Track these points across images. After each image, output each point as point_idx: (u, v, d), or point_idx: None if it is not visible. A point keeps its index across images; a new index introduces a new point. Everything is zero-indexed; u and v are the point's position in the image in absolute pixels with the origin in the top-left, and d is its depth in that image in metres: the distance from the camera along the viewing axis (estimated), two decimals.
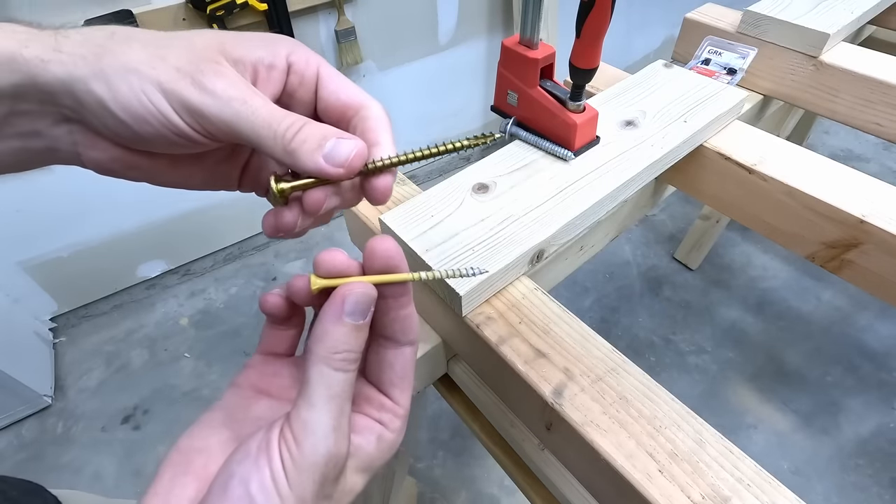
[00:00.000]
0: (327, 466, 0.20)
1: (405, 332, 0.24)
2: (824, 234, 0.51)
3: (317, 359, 0.21)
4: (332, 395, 0.20)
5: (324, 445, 0.20)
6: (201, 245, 1.44)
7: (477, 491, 1.06)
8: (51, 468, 1.10)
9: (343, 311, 0.21)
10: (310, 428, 0.20)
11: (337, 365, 0.21)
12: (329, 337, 0.21)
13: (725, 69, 0.66)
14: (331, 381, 0.20)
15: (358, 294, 0.21)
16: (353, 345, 0.21)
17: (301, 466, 0.19)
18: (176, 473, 0.21)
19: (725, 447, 0.32)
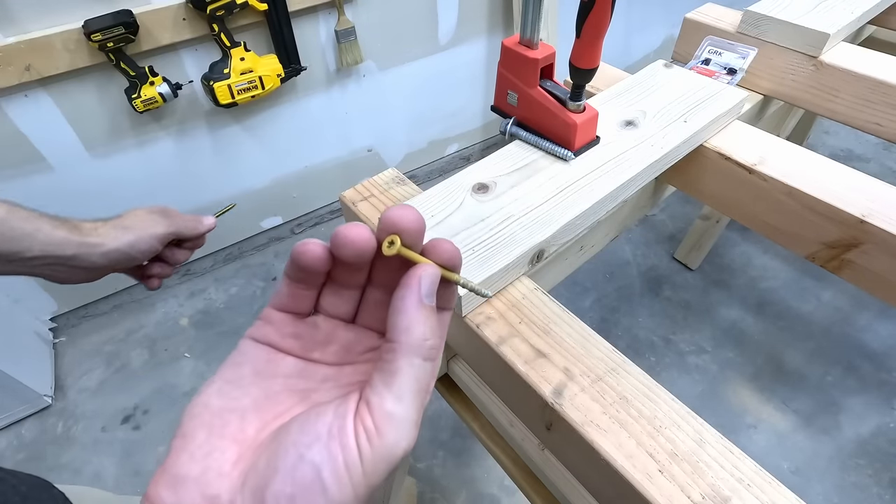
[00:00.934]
0: (402, 459, 0.19)
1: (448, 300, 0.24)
2: (824, 234, 0.51)
3: (408, 349, 0.20)
4: (419, 388, 0.20)
5: (406, 440, 0.19)
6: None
7: (477, 491, 1.06)
8: (51, 468, 1.10)
9: (422, 293, 0.20)
10: (395, 422, 0.19)
11: (427, 354, 0.20)
12: (417, 323, 0.20)
13: (725, 69, 0.66)
14: (420, 372, 0.20)
15: (431, 275, 0.21)
16: (437, 330, 0.21)
17: (380, 457, 0.19)
18: (211, 435, 0.20)
19: (725, 447, 0.32)
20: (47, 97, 0.99)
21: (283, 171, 1.43)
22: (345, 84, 1.35)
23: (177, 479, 0.19)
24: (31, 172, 1.06)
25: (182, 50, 1.07)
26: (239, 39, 1.07)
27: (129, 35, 0.94)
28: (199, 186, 1.31)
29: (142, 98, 1.01)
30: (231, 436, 0.20)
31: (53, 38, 0.92)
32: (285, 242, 1.58)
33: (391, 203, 0.52)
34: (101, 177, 1.15)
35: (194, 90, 1.14)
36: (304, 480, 0.18)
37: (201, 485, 0.19)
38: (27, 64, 0.92)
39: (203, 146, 1.24)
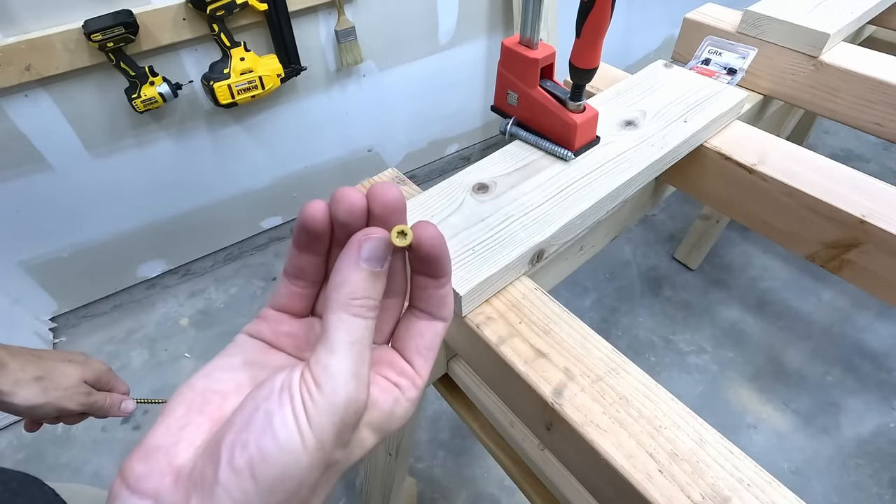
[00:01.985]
0: (346, 412, 0.20)
1: (440, 308, 0.25)
2: (824, 234, 0.51)
3: (336, 305, 0.21)
4: (351, 340, 0.20)
5: (343, 390, 0.20)
6: (201, 245, 1.44)
7: (477, 491, 1.06)
8: (51, 468, 1.10)
9: (360, 256, 0.21)
10: (329, 372, 0.20)
11: (356, 311, 0.21)
12: (347, 283, 0.21)
13: (725, 69, 0.66)
14: (350, 326, 0.21)
15: (374, 239, 0.22)
16: (371, 291, 0.21)
17: (321, 408, 0.19)
18: (190, 411, 0.21)
19: (725, 447, 0.32)
20: (47, 97, 0.99)
21: (283, 171, 1.43)
22: (345, 84, 1.35)
23: (149, 451, 0.20)
24: (31, 172, 1.06)
25: (182, 50, 1.07)
26: (239, 39, 1.07)
27: (129, 35, 0.94)
28: (199, 186, 1.31)
29: (142, 98, 1.01)
30: (209, 413, 0.21)
31: (53, 38, 0.92)
32: (285, 242, 1.58)
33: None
34: (101, 177, 1.15)
35: (194, 90, 1.14)
36: (257, 427, 0.19)
37: (171, 455, 0.20)
38: (27, 64, 0.92)
39: (203, 146, 1.25)
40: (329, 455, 0.20)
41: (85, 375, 0.51)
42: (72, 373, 0.50)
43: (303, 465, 0.19)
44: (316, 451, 0.19)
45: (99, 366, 0.54)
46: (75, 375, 0.50)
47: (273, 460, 0.18)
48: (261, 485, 0.18)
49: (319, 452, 0.19)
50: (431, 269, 0.24)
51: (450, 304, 0.25)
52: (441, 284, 0.24)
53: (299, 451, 0.19)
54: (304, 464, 0.19)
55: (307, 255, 0.25)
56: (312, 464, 0.19)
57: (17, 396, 0.45)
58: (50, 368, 0.49)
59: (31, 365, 0.48)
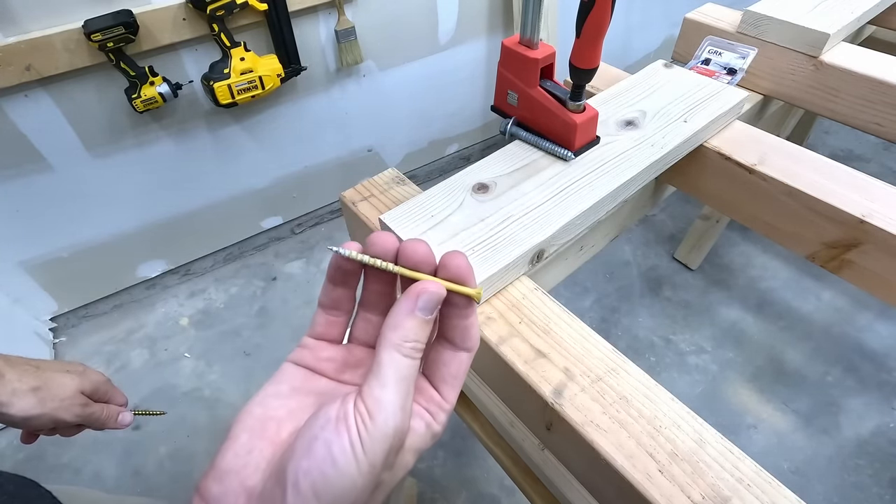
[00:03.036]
0: (394, 439, 0.22)
1: (464, 339, 0.27)
2: (824, 234, 0.51)
3: (390, 345, 0.24)
4: (400, 377, 0.23)
5: (393, 420, 0.22)
6: (201, 245, 1.44)
7: (477, 491, 1.06)
8: (51, 468, 1.10)
9: (416, 306, 0.24)
10: (381, 405, 0.22)
11: (406, 352, 0.24)
12: (402, 327, 0.24)
13: (725, 69, 0.66)
14: (400, 365, 0.23)
15: (430, 293, 0.24)
16: (421, 336, 0.24)
17: (374, 437, 0.22)
18: (252, 437, 0.24)
19: (725, 447, 0.32)
20: (47, 97, 0.99)
21: (283, 171, 1.43)
22: (345, 84, 1.35)
23: (222, 473, 0.23)
24: (31, 172, 1.06)
25: (182, 50, 1.07)
26: (239, 39, 1.07)
27: (129, 35, 0.94)
28: (199, 186, 1.31)
29: (142, 98, 1.01)
30: (269, 438, 0.24)
31: (53, 38, 0.92)
32: (285, 242, 1.58)
33: (391, 203, 0.52)
34: (101, 177, 1.15)
35: (194, 90, 1.14)
36: (318, 455, 0.21)
37: (241, 477, 0.23)
38: (27, 64, 0.92)
39: (203, 146, 1.24)
40: (378, 477, 0.22)
41: (83, 386, 0.50)
42: (69, 383, 0.49)
43: (357, 486, 0.21)
44: (368, 474, 0.22)
45: (97, 376, 0.54)
46: (72, 386, 0.49)
47: (333, 483, 0.21)
48: (324, 498, 0.21)
49: (370, 475, 0.22)
50: (456, 299, 0.26)
51: (474, 335, 0.27)
52: (465, 315, 0.27)
53: (355, 474, 0.21)
54: (359, 485, 0.22)
55: (341, 289, 0.28)
56: (366, 485, 0.22)
57: (14, 407, 0.45)
58: (47, 379, 0.48)
59: (29, 375, 0.47)
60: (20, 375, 0.46)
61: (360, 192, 0.53)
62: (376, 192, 0.53)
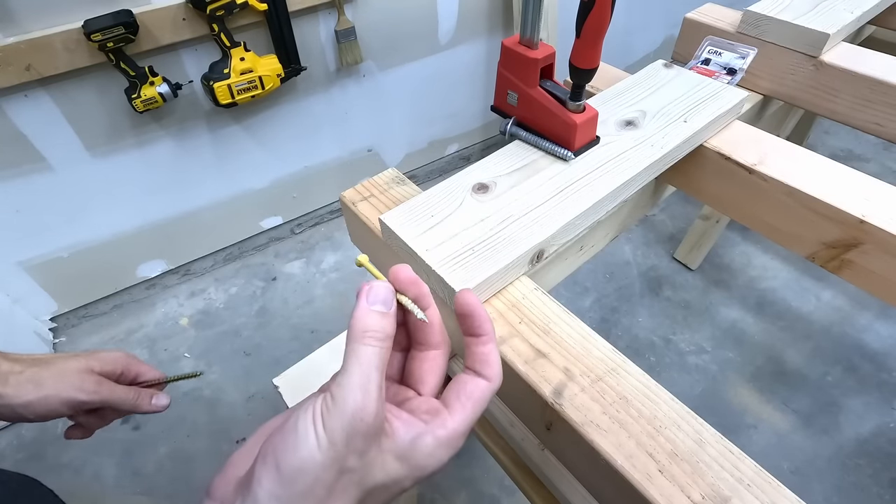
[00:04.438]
0: (354, 417, 0.24)
1: (483, 366, 0.29)
2: (824, 234, 0.51)
3: (350, 339, 0.26)
4: (359, 362, 0.25)
5: (351, 399, 0.24)
6: (201, 245, 1.44)
7: (477, 491, 1.06)
8: (51, 468, 1.10)
9: (368, 300, 0.27)
10: (341, 386, 0.25)
11: (364, 341, 0.26)
12: (358, 319, 0.27)
13: (725, 69, 0.66)
14: (359, 353, 0.25)
15: (376, 288, 0.28)
16: (377, 326, 0.26)
17: (333, 414, 0.24)
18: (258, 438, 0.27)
19: (725, 447, 0.32)
20: (47, 97, 0.99)
21: (283, 171, 1.43)
22: (345, 84, 1.35)
23: (227, 468, 0.26)
24: (30, 172, 1.06)
25: (182, 50, 1.07)
26: (239, 39, 1.07)
27: (129, 35, 0.94)
28: (200, 186, 1.31)
29: (142, 98, 1.01)
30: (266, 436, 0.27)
31: (53, 38, 0.92)
32: (285, 242, 1.58)
33: (391, 203, 0.52)
34: (101, 177, 1.15)
35: (194, 90, 1.14)
36: (286, 430, 0.24)
37: (238, 469, 0.26)
38: (27, 64, 0.92)
39: (203, 146, 1.24)
40: (342, 458, 0.24)
41: (89, 364, 0.48)
42: (72, 363, 0.47)
43: (317, 460, 0.23)
44: (328, 449, 0.23)
45: (111, 354, 0.50)
46: (76, 365, 0.47)
47: (293, 455, 0.23)
48: (283, 474, 0.23)
49: (331, 452, 0.23)
50: (469, 327, 0.30)
51: (493, 363, 0.29)
52: (481, 342, 0.29)
53: (314, 447, 0.23)
54: (318, 460, 0.23)
55: None
56: (325, 462, 0.23)
57: (9, 394, 0.43)
58: (46, 363, 0.46)
59: (24, 363, 0.45)
60: (14, 364, 0.45)
61: (359, 192, 0.53)
62: (376, 192, 0.53)
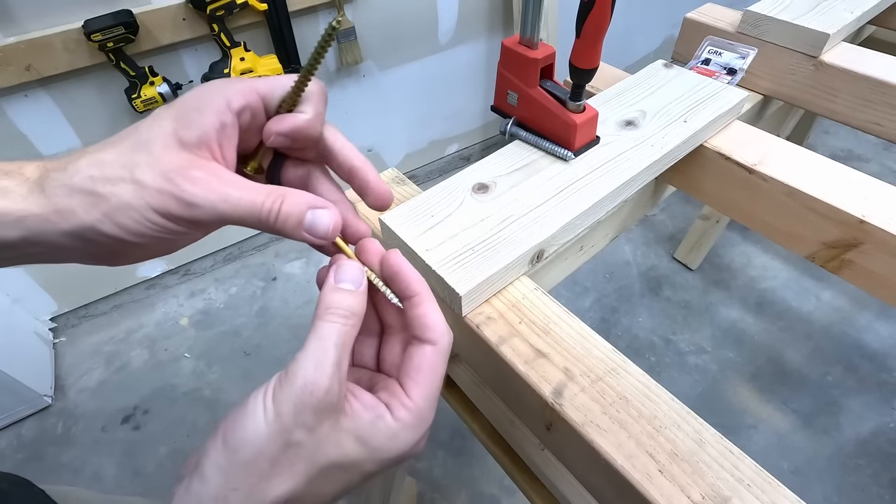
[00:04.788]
0: (303, 391, 0.23)
1: (423, 330, 0.27)
2: (824, 234, 0.51)
3: (315, 315, 0.26)
4: (317, 337, 0.25)
5: (301, 372, 0.24)
6: (201, 245, 1.44)
7: (477, 491, 1.06)
8: (50, 468, 1.10)
9: (335, 278, 0.27)
10: (295, 360, 0.24)
11: (326, 317, 0.25)
12: (323, 297, 0.26)
13: (725, 69, 0.66)
14: (318, 328, 0.25)
15: (344, 265, 0.27)
16: (342, 303, 0.26)
17: (283, 386, 0.24)
18: None
19: (725, 447, 0.32)
20: (47, 97, 0.99)
21: None
22: (345, 84, 1.35)
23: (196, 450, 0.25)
24: None
25: (182, 50, 1.07)
26: (239, 39, 1.07)
27: (129, 35, 0.94)
28: None
29: (142, 98, 1.01)
30: None
31: (53, 38, 0.92)
32: (285, 242, 1.58)
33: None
34: None
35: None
36: (241, 403, 0.24)
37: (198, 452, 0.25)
38: (27, 64, 0.92)
39: None
40: (288, 431, 0.23)
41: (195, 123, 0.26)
42: (159, 128, 0.26)
43: (261, 431, 0.23)
44: (273, 422, 0.23)
45: (250, 86, 0.27)
46: (175, 117, 0.26)
47: (238, 424, 0.23)
48: (228, 445, 0.23)
49: (276, 424, 0.23)
50: (400, 291, 0.28)
51: (432, 325, 0.27)
52: (413, 305, 0.28)
53: (260, 418, 0.23)
54: (262, 431, 0.23)
55: None
56: (270, 434, 0.23)
57: (72, 208, 0.24)
58: (127, 133, 0.27)
59: (88, 157, 0.26)
60: (71, 163, 0.25)
61: None
62: None
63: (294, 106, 0.28)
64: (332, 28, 0.25)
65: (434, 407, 0.27)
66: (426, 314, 0.27)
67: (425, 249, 0.42)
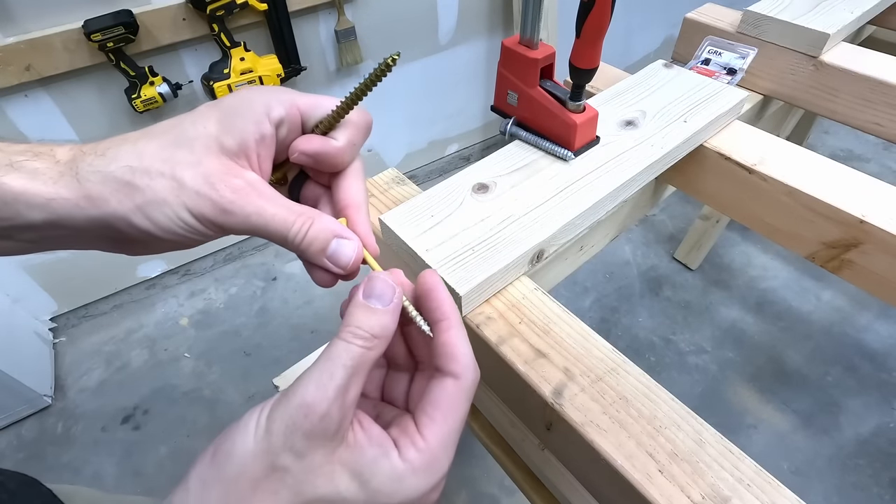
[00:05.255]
0: (298, 411, 0.22)
1: (445, 360, 0.25)
2: (824, 234, 0.51)
3: (341, 331, 0.24)
4: (328, 356, 0.23)
5: (301, 391, 0.22)
6: (202, 245, 1.44)
7: (477, 491, 1.06)
8: (50, 468, 1.10)
9: (362, 293, 0.24)
10: (300, 377, 0.22)
11: (343, 335, 0.23)
12: (347, 312, 0.24)
13: (725, 69, 0.66)
14: (332, 347, 0.23)
15: (374, 280, 0.25)
16: (363, 322, 0.23)
17: (280, 403, 0.22)
18: None
19: (725, 447, 0.32)
20: (47, 97, 0.99)
21: None
22: (345, 84, 1.35)
23: None
24: None
25: (182, 50, 1.07)
26: (239, 39, 1.07)
27: (129, 35, 0.94)
28: None
29: (142, 98, 1.01)
30: None
31: (53, 38, 0.92)
32: None
33: (391, 203, 0.52)
34: None
35: (194, 90, 1.14)
36: (234, 424, 0.23)
37: None
38: (27, 64, 0.92)
39: None
40: (275, 452, 0.21)
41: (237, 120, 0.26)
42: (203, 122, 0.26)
43: (248, 447, 0.21)
44: (261, 439, 0.21)
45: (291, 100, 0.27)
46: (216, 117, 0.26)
47: (229, 438, 0.22)
48: (215, 458, 0.22)
49: (264, 442, 0.21)
50: (431, 309, 0.26)
51: (457, 356, 0.25)
52: (441, 329, 0.25)
53: (250, 433, 0.22)
54: (249, 447, 0.21)
55: None
56: (256, 451, 0.21)
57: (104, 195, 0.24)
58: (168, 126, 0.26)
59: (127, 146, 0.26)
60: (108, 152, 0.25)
61: None
62: (376, 192, 0.53)
63: (330, 129, 0.28)
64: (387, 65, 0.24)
65: (451, 453, 0.24)
66: (452, 343, 0.25)
67: (425, 249, 0.42)
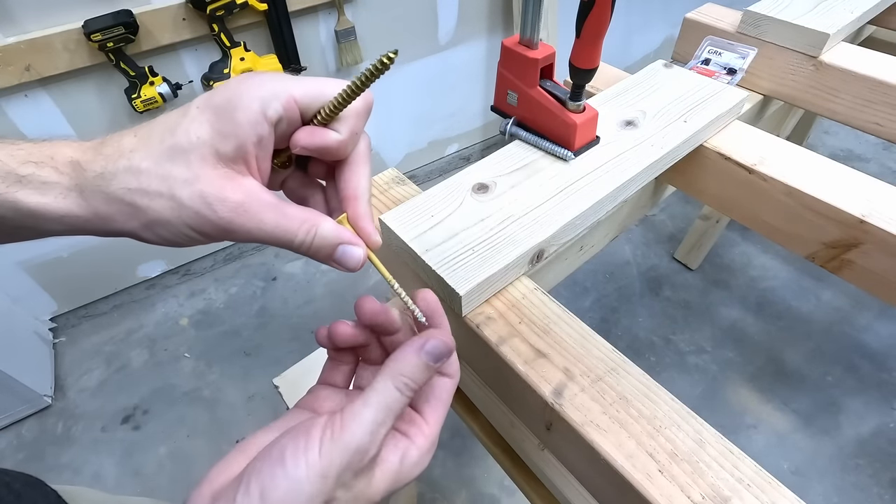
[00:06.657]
0: (355, 455, 0.23)
1: (446, 364, 0.29)
2: (824, 234, 0.51)
3: (387, 373, 0.25)
4: (384, 404, 0.24)
5: (360, 435, 0.23)
6: (201, 245, 1.44)
7: (477, 491, 1.06)
8: (50, 468, 1.10)
9: (423, 347, 0.26)
10: (357, 418, 0.24)
11: (398, 384, 0.25)
12: (403, 362, 0.26)
13: (725, 69, 0.66)
14: (388, 393, 0.25)
15: (436, 341, 0.26)
16: (417, 376, 0.26)
17: (337, 445, 0.23)
18: (237, 453, 0.26)
19: (725, 447, 0.32)
20: (47, 97, 0.99)
21: None
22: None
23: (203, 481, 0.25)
24: None
25: (182, 50, 1.07)
26: (239, 39, 1.07)
27: (129, 35, 0.94)
28: None
29: (142, 98, 1.01)
30: (247, 453, 0.26)
31: (53, 38, 0.92)
32: None
33: (391, 203, 0.52)
34: None
35: (194, 90, 1.14)
36: (272, 457, 0.23)
37: (214, 484, 0.24)
38: (27, 64, 0.92)
39: None
40: (329, 490, 0.23)
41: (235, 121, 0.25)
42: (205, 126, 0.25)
43: (303, 491, 0.22)
44: (318, 481, 0.22)
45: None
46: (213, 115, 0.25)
47: (279, 485, 0.22)
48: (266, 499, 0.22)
49: (320, 484, 0.22)
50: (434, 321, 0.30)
51: (453, 360, 0.29)
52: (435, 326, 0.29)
53: (303, 478, 0.22)
54: (306, 491, 0.22)
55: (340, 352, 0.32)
56: (312, 494, 0.22)
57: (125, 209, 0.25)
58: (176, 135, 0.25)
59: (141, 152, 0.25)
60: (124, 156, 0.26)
61: None
62: (376, 192, 0.53)
63: (330, 120, 0.27)
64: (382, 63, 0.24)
65: None
66: None
67: (425, 250, 0.42)
